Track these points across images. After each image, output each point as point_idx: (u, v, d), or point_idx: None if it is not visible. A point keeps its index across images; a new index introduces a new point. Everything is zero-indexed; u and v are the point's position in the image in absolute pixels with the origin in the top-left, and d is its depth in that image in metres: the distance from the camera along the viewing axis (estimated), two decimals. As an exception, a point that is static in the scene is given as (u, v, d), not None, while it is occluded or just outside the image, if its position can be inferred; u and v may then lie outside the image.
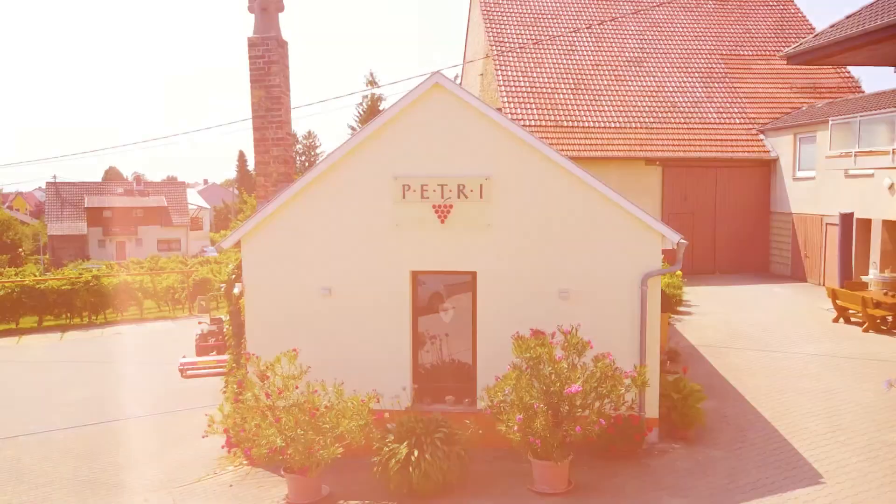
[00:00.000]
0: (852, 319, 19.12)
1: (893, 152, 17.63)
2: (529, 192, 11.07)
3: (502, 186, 11.09)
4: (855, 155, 18.87)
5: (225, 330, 22.40)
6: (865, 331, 18.04)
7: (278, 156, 11.74)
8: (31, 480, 12.62)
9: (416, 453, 9.67)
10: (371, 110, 39.15)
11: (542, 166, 11.02)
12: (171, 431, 15.39)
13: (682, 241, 10.88)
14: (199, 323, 23.74)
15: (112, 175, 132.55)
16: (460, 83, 42.75)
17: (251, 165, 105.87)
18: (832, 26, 20.18)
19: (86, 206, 66.42)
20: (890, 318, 18.27)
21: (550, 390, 9.41)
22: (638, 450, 10.96)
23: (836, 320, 19.21)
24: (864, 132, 18.76)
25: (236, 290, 11.87)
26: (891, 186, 20.86)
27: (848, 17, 19.82)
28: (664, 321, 16.49)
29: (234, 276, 12.33)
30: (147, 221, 69.00)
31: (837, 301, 19.18)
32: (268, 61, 11.47)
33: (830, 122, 20.06)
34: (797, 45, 21.35)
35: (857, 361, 15.48)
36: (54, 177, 65.56)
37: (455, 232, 11.23)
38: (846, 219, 21.02)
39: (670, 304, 18.40)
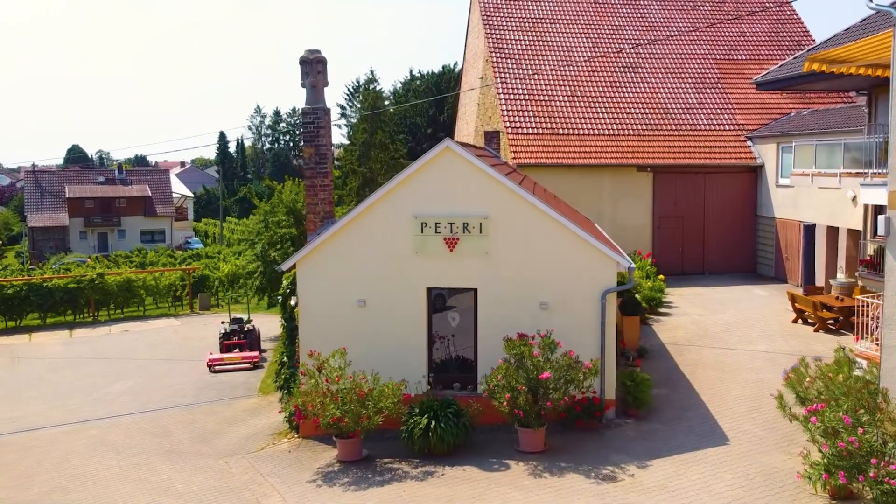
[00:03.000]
0: (809, 321, 24.69)
1: (840, 175, 23.17)
2: (518, 229, 16.60)
3: (497, 224, 16.63)
4: (812, 175, 24.42)
5: (246, 329, 28.08)
6: (816, 330, 23.63)
7: (324, 198, 17.26)
8: (126, 451, 18.22)
9: (433, 423, 15.27)
10: (373, 109, 44.98)
11: (528, 209, 16.53)
12: (221, 415, 21.00)
13: (632, 266, 16.43)
14: (222, 322, 29.37)
15: (75, 153, 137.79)
16: (461, 77, 48.10)
17: (233, 147, 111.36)
18: (795, 58, 25.78)
19: (67, 196, 71.83)
20: (841, 319, 23.85)
21: (530, 377, 15.02)
22: (598, 424, 16.57)
23: (795, 321, 24.78)
24: (819, 155, 24.32)
25: (292, 302, 17.40)
26: (854, 199, 26.45)
27: (809, 51, 25.39)
28: (636, 324, 22.15)
29: (289, 291, 17.86)
30: (130, 212, 74.49)
31: (796, 304, 24.77)
32: (317, 126, 16.91)
33: (794, 144, 25.59)
34: (765, 73, 26.96)
35: (796, 357, 21.02)
36: (33, 165, 70.81)
37: (461, 258, 16.77)
38: (809, 230, 26.61)
39: (642, 309, 23.88)
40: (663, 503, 13.12)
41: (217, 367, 26.58)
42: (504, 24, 37.66)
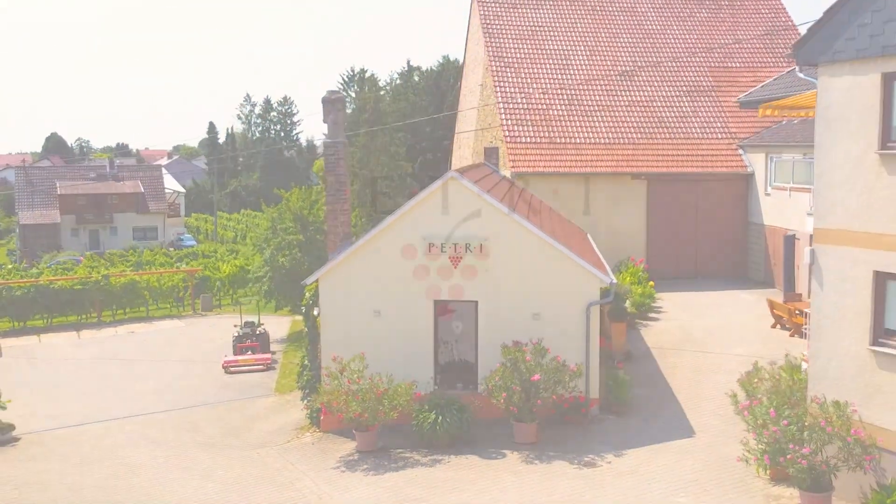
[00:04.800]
0: (787, 326, 28.51)
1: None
2: (512, 249, 20.43)
3: (495, 245, 20.47)
4: (790, 189, 28.25)
5: (258, 332, 31.87)
6: (792, 335, 27.45)
7: (343, 220, 21.09)
8: (166, 444, 22.04)
9: (439, 418, 19.11)
10: (373, 110, 48.96)
11: (522, 232, 20.36)
12: (244, 413, 24.84)
13: (614, 281, 20.27)
14: (235, 326, 33.21)
15: (55, 143, 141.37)
16: (461, 77, 51.82)
17: (222, 138, 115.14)
18: (776, 79, 29.62)
19: (58, 192, 75.52)
20: (816, 325, 27.69)
21: (523, 378, 18.91)
22: (584, 419, 20.44)
23: (773, 326, 28.60)
24: (797, 170, 28.14)
25: (315, 312, 21.23)
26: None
27: (789, 73, 29.24)
28: (622, 329, 25.97)
29: (311, 302, 21.67)
30: (122, 208, 78.20)
31: (774, 310, 28.61)
32: (337, 157, 20.72)
33: (774, 160, 29.42)
34: (748, 93, 30.78)
35: (768, 360, 24.90)
36: (24, 161, 74.28)
37: (463, 274, 20.58)
38: (789, 239, 30.46)
39: (628, 315, 27.68)
40: (633, 483, 16.99)
41: (232, 369, 30.37)
42: (504, 32, 41.31)
